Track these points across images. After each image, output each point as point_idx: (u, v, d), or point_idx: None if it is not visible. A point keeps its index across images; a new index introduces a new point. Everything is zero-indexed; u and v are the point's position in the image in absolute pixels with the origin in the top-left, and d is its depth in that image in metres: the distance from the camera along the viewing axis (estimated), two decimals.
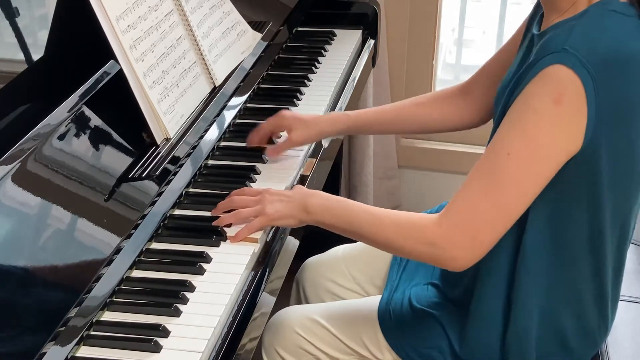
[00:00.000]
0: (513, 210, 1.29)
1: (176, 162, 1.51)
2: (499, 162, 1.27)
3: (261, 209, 1.43)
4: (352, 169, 2.68)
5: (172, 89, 1.58)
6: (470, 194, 1.30)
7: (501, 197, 1.28)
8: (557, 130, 1.24)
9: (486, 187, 1.28)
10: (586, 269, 1.39)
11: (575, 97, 1.22)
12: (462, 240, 1.30)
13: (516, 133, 1.26)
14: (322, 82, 2.01)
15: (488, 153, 1.30)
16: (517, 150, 1.25)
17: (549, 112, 1.23)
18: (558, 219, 1.35)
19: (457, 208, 1.31)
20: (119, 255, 1.31)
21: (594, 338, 1.47)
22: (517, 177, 1.26)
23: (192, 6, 1.72)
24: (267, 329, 1.60)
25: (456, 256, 1.32)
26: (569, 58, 1.21)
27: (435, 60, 2.75)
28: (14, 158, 1.25)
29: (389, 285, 1.60)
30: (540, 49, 1.27)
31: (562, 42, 1.23)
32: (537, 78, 1.24)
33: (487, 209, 1.28)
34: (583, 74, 1.21)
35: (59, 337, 1.15)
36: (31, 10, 1.52)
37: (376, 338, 1.53)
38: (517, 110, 1.27)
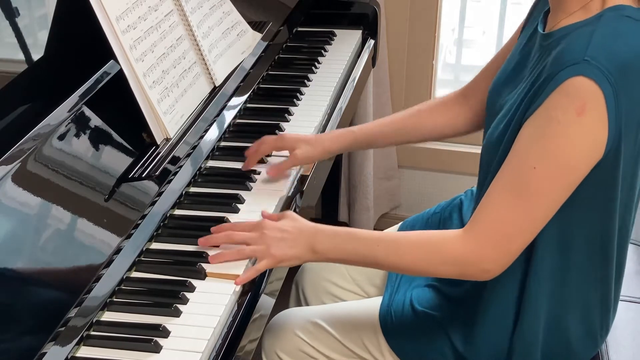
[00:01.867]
0: (542, 218, 1.30)
1: (176, 162, 1.51)
2: (525, 176, 1.27)
3: (266, 250, 1.37)
4: (352, 169, 2.68)
5: (172, 89, 1.58)
6: (497, 207, 1.30)
7: (530, 207, 1.28)
8: (582, 140, 1.24)
9: (513, 199, 1.28)
10: (594, 273, 1.39)
11: (597, 108, 1.22)
12: (493, 252, 1.31)
13: (540, 146, 1.25)
14: (322, 82, 2.01)
15: (511, 167, 1.29)
16: (543, 164, 1.25)
17: (573, 123, 1.23)
18: (570, 224, 1.35)
19: (485, 221, 1.31)
20: (119, 255, 1.31)
21: (595, 339, 1.47)
22: (544, 189, 1.27)
23: (192, 6, 1.72)
24: (268, 331, 1.60)
25: (488, 269, 1.32)
26: (590, 70, 1.21)
27: (435, 60, 2.75)
28: (14, 158, 1.25)
29: (390, 287, 1.60)
30: (557, 59, 1.26)
31: (582, 51, 1.22)
32: (558, 90, 1.23)
33: (516, 218, 1.28)
34: (604, 84, 1.21)
35: (59, 337, 1.15)
36: (31, 10, 1.52)
37: (377, 341, 1.53)
38: (539, 123, 1.26)
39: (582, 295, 1.41)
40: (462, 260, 1.32)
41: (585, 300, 1.41)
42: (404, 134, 1.71)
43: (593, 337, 1.46)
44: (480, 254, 1.31)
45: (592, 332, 1.45)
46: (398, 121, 1.71)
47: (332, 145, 1.67)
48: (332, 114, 1.91)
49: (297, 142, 1.64)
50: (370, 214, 2.74)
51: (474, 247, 1.31)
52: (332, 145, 1.67)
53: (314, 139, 1.67)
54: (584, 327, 1.43)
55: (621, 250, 1.41)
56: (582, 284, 1.40)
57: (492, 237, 1.30)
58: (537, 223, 1.30)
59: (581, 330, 1.43)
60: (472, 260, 1.32)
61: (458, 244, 1.32)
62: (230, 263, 1.37)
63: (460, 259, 1.32)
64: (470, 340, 1.46)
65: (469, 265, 1.32)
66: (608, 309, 1.44)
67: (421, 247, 1.36)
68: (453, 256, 1.32)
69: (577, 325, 1.43)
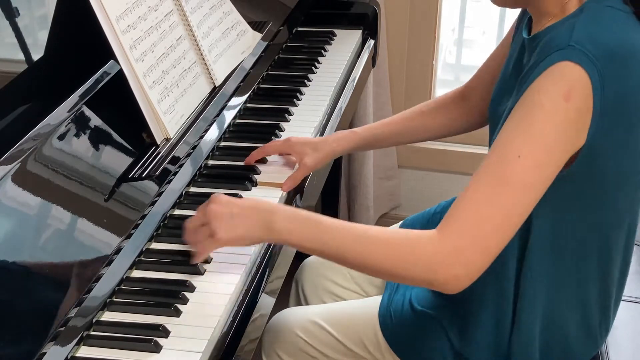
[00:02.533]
0: (521, 214, 1.22)
1: (176, 162, 1.51)
2: (509, 165, 1.20)
3: (209, 230, 1.29)
4: (352, 168, 2.68)
5: (172, 89, 1.58)
6: (476, 198, 1.21)
7: (509, 201, 1.20)
8: (567, 126, 1.20)
9: (494, 190, 1.20)
10: (592, 271, 1.39)
11: (584, 93, 1.20)
12: (468, 249, 1.20)
13: (525, 133, 1.20)
14: (322, 82, 2.01)
15: (495, 157, 1.22)
16: (529, 151, 1.20)
17: (559, 109, 1.19)
18: (563, 220, 1.33)
19: (462, 214, 1.21)
20: (119, 255, 1.31)
21: (595, 339, 1.46)
22: (528, 179, 1.20)
23: (192, 6, 1.72)
24: (267, 331, 1.60)
25: (458, 274, 1.21)
26: (576, 54, 1.19)
27: (435, 60, 2.75)
28: (14, 158, 1.25)
29: (389, 287, 1.60)
30: (543, 49, 1.25)
31: (566, 38, 1.22)
32: (544, 75, 1.20)
33: (496, 213, 1.20)
34: (590, 69, 1.19)
35: (59, 337, 1.15)
36: (31, 10, 1.52)
37: (377, 340, 1.53)
38: (524, 109, 1.22)
39: (580, 292, 1.40)
40: (433, 263, 1.20)
41: (583, 297, 1.41)
42: (407, 134, 1.73)
43: (593, 337, 1.46)
44: (453, 254, 1.20)
45: (592, 332, 1.45)
46: (401, 122, 1.72)
47: (338, 147, 1.68)
48: (332, 114, 1.91)
49: (303, 146, 1.64)
50: (370, 214, 2.75)
51: (446, 245, 1.20)
52: (337, 147, 1.68)
53: (320, 142, 1.67)
54: (583, 327, 1.43)
55: (628, 249, 1.41)
56: (579, 282, 1.39)
57: (469, 233, 1.20)
58: (515, 220, 1.21)
59: (580, 330, 1.43)
60: (443, 264, 1.20)
61: (429, 245, 1.21)
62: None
63: (431, 262, 1.20)
64: (469, 340, 1.46)
65: (439, 269, 1.20)
66: (608, 308, 1.44)
67: (391, 245, 1.23)
68: (422, 259, 1.21)
69: (575, 323, 1.42)
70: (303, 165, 1.63)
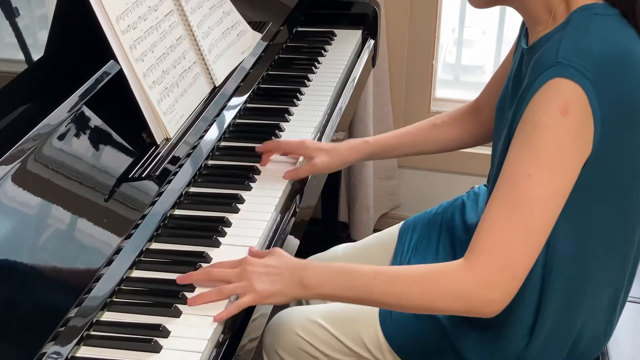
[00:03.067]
0: (543, 230, 1.24)
1: (176, 162, 1.51)
2: (521, 186, 1.22)
3: (249, 286, 1.30)
4: (352, 168, 2.68)
5: (172, 89, 1.58)
6: (496, 226, 1.23)
7: (529, 221, 1.22)
8: (570, 139, 1.22)
9: (512, 214, 1.23)
10: (607, 276, 1.38)
11: (580, 105, 1.21)
12: (499, 279, 1.23)
13: (531, 152, 1.22)
14: (322, 82, 2.01)
15: (506, 180, 1.25)
16: (537, 169, 1.22)
17: (558, 124, 1.21)
18: (583, 229, 1.33)
19: (485, 244, 1.24)
20: (119, 255, 1.31)
21: (599, 342, 1.47)
22: (541, 196, 1.22)
23: (192, 6, 1.72)
24: (268, 330, 1.60)
25: (494, 298, 1.24)
26: (565, 70, 1.21)
27: (435, 60, 2.75)
28: (14, 158, 1.25)
29: None
30: (533, 68, 1.26)
31: (553, 56, 1.23)
32: (538, 94, 1.22)
33: (517, 237, 1.22)
34: (582, 81, 1.20)
35: (59, 337, 1.15)
36: (31, 10, 1.52)
37: (377, 339, 1.53)
38: (526, 129, 1.24)
39: (593, 297, 1.39)
40: (466, 292, 1.24)
41: (595, 303, 1.40)
42: (418, 146, 1.73)
43: (597, 340, 1.45)
44: (484, 283, 1.23)
45: (596, 335, 1.45)
46: (415, 133, 1.73)
47: (349, 156, 1.70)
48: (332, 114, 1.91)
49: (316, 151, 1.67)
50: (370, 214, 2.75)
51: (476, 277, 1.23)
52: (349, 156, 1.70)
53: (332, 149, 1.69)
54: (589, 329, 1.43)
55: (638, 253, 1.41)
56: (595, 288, 1.39)
57: (493, 263, 1.23)
58: (538, 237, 1.24)
59: (585, 332, 1.42)
60: (477, 292, 1.24)
61: (459, 275, 1.24)
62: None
63: (464, 292, 1.24)
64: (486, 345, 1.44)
65: (474, 297, 1.24)
66: (614, 312, 1.44)
67: (420, 281, 1.27)
68: (455, 289, 1.24)
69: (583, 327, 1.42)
70: (312, 165, 1.66)
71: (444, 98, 2.85)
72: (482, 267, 1.23)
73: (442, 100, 2.83)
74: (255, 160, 1.67)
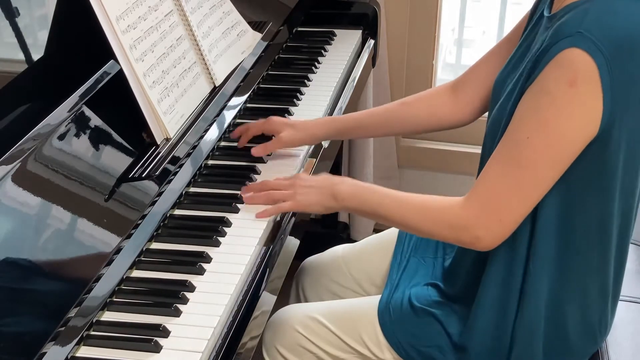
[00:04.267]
0: (532, 193, 1.32)
1: (176, 162, 1.51)
2: (520, 146, 1.29)
3: (292, 194, 1.49)
4: (352, 169, 2.68)
5: (172, 89, 1.58)
6: (493, 176, 1.33)
7: (522, 180, 1.31)
8: (574, 112, 1.25)
9: (506, 170, 1.31)
10: (593, 261, 1.40)
11: (590, 80, 1.23)
12: (485, 220, 1.35)
13: (534, 117, 1.28)
14: (322, 82, 2.01)
15: (507, 136, 1.32)
16: (537, 134, 1.28)
17: (564, 94, 1.24)
18: (569, 206, 1.36)
19: (480, 190, 1.35)
20: (119, 255, 1.31)
21: (593, 335, 1.47)
22: (536, 160, 1.29)
23: (192, 6, 1.72)
24: (268, 327, 1.60)
25: (480, 236, 1.36)
26: (583, 41, 1.22)
27: (435, 60, 2.75)
28: (14, 158, 1.25)
29: (389, 285, 1.60)
30: (554, 33, 1.28)
31: (576, 25, 1.24)
32: (552, 62, 1.25)
33: (506, 191, 1.32)
34: (597, 56, 1.22)
35: (59, 337, 1.15)
36: (31, 10, 1.52)
37: (376, 336, 1.54)
38: (534, 94, 1.28)
39: (581, 283, 1.41)
40: (458, 224, 1.37)
41: (584, 289, 1.41)
42: (389, 123, 1.73)
43: (590, 332, 1.46)
44: (474, 220, 1.35)
45: (589, 325, 1.45)
46: (384, 111, 1.74)
47: (317, 130, 1.71)
48: (332, 114, 1.91)
49: (282, 125, 1.69)
50: None
51: (469, 213, 1.36)
52: (317, 131, 1.71)
53: (299, 123, 1.71)
54: (582, 318, 1.43)
55: (623, 240, 1.41)
56: (581, 272, 1.40)
57: (485, 205, 1.34)
58: (529, 196, 1.32)
59: (578, 321, 1.43)
60: (467, 226, 1.36)
61: (456, 209, 1.37)
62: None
63: (456, 224, 1.37)
64: (471, 330, 1.46)
65: (463, 230, 1.37)
66: (606, 303, 1.44)
67: (426, 208, 1.42)
68: (450, 220, 1.38)
69: (575, 316, 1.43)
70: (278, 139, 1.68)
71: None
72: (475, 207, 1.36)
73: None
74: (256, 160, 1.67)
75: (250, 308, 1.33)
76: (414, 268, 1.65)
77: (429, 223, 1.41)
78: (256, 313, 1.34)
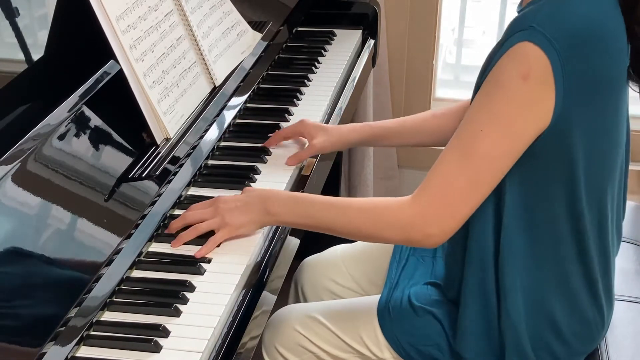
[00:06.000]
0: (486, 184, 1.32)
1: (176, 162, 1.51)
2: (472, 138, 1.30)
3: (221, 221, 1.40)
4: (352, 169, 2.68)
5: (172, 89, 1.58)
6: (444, 171, 1.32)
7: (474, 173, 1.30)
8: (526, 105, 1.27)
9: (459, 164, 1.30)
10: (570, 250, 1.40)
11: (543, 73, 1.25)
12: (437, 217, 1.32)
13: (487, 109, 1.29)
14: (322, 82, 2.01)
15: (461, 129, 1.32)
16: (489, 126, 1.28)
17: (517, 88, 1.26)
18: (535, 198, 1.36)
19: (431, 185, 1.33)
20: (119, 255, 1.31)
21: (590, 331, 1.47)
22: (489, 152, 1.29)
23: (192, 6, 1.72)
24: (267, 326, 1.60)
25: (431, 233, 1.33)
26: (535, 35, 1.24)
27: (435, 60, 2.75)
28: (14, 158, 1.25)
29: (388, 284, 1.61)
30: (510, 27, 1.30)
31: (530, 20, 1.26)
32: (506, 55, 1.27)
33: (461, 183, 1.30)
34: (550, 50, 1.24)
35: (59, 337, 1.15)
36: (31, 10, 1.52)
37: (375, 336, 1.54)
38: (488, 87, 1.30)
39: (561, 273, 1.41)
40: (407, 224, 1.33)
41: (565, 278, 1.41)
42: (417, 135, 1.74)
43: (585, 326, 1.45)
44: (424, 217, 1.32)
45: (583, 319, 1.45)
46: (417, 121, 1.74)
47: (349, 135, 1.71)
48: (332, 114, 1.91)
49: (316, 129, 1.68)
50: None
51: (418, 211, 1.33)
52: (349, 136, 1.71)
53: (332, 129, 1.71)
54: (571, 311, 1.43)
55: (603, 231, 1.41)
56: (557, 260, 1.40)
57: (436, 201, 1.32)
58: (481, 189, 1.31)
59: (568, 314, 1.43)
60: (417, 224, 1.33)
61: (404, 208, 1.34)
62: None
63: (405, 223, 1.33)
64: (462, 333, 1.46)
65: (413, 229, 1.33)
66: (597, 296, 1.44)
67: (368, 212, 1.37)
68: (398, 220, 1.34)
69: (562, 307, 1.43)
70: (312, 145, 1.67)
71: (444, 98, 2.85)
72: (425, 203, 1.32)
73: (442, 100, 2.83)
74: (256, 160, 1.67)
75: (250, 308, 1.33)
76: (413, 267, 1.65)
77: (376, 226, 1.36)
78: (256, 313, 1.34)
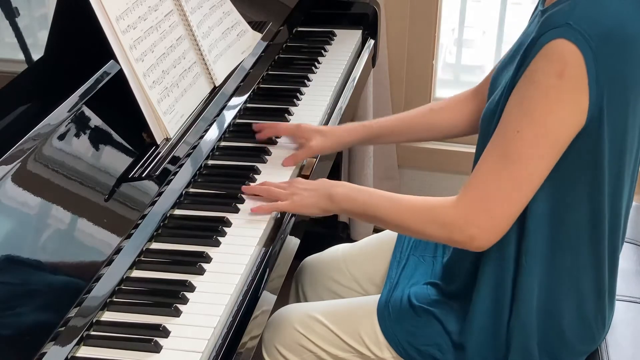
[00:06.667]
0: (526, 187, 1.31)
1: (176, 162, 1.51)
2: (510, 140, 1.29)
3: (289, 194, 1.50)
4: (352, 169, 2.68)
5: (172, 89, 1.58)
6: (484, 172, 1.33)
7: (513, 174, 1.30)
8: (562, 104, 1.26)
9: (498, 165, 1.31)
10: (586, 256, 1.40)
11: (577, 72, 1.24)
12: (478, 218, 1.33)
13: (524, 110, 1.28)
14: (322, 82, 2.01)
15: (499, 131, 1.32)
16: (526, 127, 1.28)
17: (552, 87, 1.25)
18: (560, 202, 1.36)
19: (473, 187, 1.34)
20: (119, 255, 1.31)
21: (591, 332, 1.47)
22: (527, 154, 1.29)
23: (192, 6, 1.72)
24: (267, 326, 1.61)
25: (474, 235, 1.34)
26: (572, 32, 1.23)
27: (435, 60, 2.75)
28: (14, 158, 1.25)
29: (388, 284, 1.61)
30: (543, 24, 1.28)
31: (565, 17, 1.25)
32: (540, 53, 1.26)
33: (500, 186, 1.31)
34: (585, 48, 1.23)
35: (59, 337, 1.15)
36: (31, 10, 1.52)
37: (375, 335, 1.54)
38: (523, 86, 1.29)
39: (575, 279, 1.41)
40: (451, 224, 1.36)
41: (578, 285, 1.42)
42: (416, 131, 1.74)
43: (587, 328, 1.46)
44: (467, 219, 1.34)
45: (586, 322, 1.45)
46: (414, 117, 1.74)
47: (346, 137, 1.71)
48: (332, 114, 1.91)
49: (312, 133, 1.69)
50: None
51: (462, 212, 1.35)
52: (346, 137, 1.71)
53: (328, 130, 1.71)
54: (577, 315, 1.44)
55: (614, 235, 1.41)
56: (574, 269, 1.40)
57: (478, 203, 1.33)
58: (522, 191, 1.31)
59: (574, 318, 1.44)
60: (460, 225, 1.35)
61: (449, 208, 1.36)
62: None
63: (449, 223, 1.36)
64: (468, 329, 1.46)
65: (457, 229, 1.35)
66: (602, 299, 1.44)
67: (418, 208, 1.41)
68: (443, 220, 1.37)
69: (570, 312, 1.43)
70: (308, 147, 1.68)
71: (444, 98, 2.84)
72: (466, 205, 1.35)
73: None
74: (256, 160, 1.67)
75: (250, 308, 1.33)
76: (413, 267, 1.65)
77: (421, 222, 1.40)
78: (256, 313, 1.34)
